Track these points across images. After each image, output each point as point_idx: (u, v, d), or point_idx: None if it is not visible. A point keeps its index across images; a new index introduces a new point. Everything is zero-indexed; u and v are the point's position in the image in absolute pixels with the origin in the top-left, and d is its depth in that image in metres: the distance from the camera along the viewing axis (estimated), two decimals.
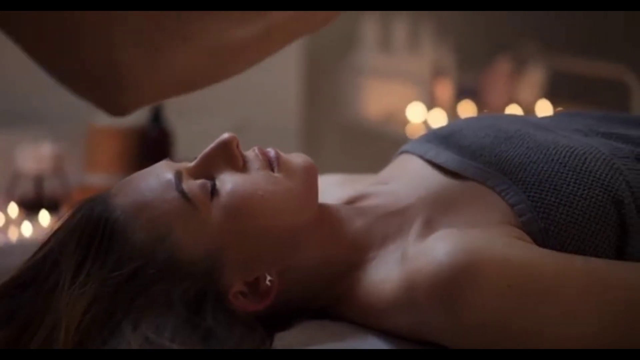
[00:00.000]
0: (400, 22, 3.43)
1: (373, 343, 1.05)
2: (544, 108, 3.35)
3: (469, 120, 1.28)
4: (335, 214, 1.14)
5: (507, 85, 3.46)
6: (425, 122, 3.24)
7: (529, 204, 1.06)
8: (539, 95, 3.48)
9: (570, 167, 1.08)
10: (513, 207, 1.07)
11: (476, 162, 1.14)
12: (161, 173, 1.08)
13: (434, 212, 1.12)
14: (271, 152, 1.11)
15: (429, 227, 1.10)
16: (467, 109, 3.42)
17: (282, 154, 1.11)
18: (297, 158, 1.13)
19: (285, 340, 1.06)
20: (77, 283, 1.01)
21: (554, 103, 3.40)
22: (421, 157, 1.21)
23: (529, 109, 3.30)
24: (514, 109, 3.37)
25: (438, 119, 3.27)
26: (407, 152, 1.25)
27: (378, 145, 3.12)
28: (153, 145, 2.54)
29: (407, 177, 1.20)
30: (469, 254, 0.98)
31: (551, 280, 0.98)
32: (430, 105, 3.29)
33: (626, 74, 3.33)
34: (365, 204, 1.17)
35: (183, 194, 1.05)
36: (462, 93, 3.44)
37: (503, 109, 3.37)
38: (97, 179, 2.54)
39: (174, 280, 1.03)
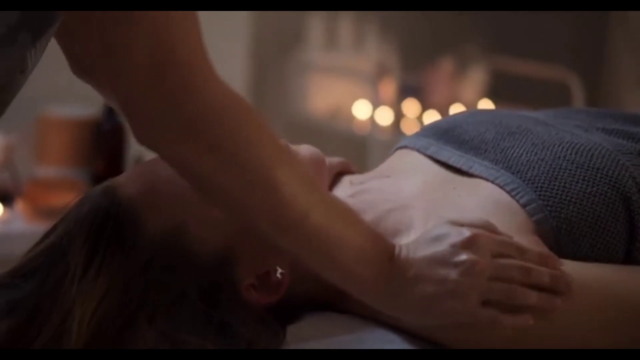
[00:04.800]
0: (346, 20, 3.44)
1: (382, 335, 1.05)
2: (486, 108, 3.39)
3: (466, 114, 1.26)
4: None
5: (449, 85, 3.50)
6: (371, 119, 3.26)
7: (540, 203, 1.05)
8: (481, 95, 3.52)
9: (577, 164, 1.08)
10: (525, 207, 1.06)
11: (481, 159, 1.12)
12: None
13: (439, 209, 1.08)
14: None
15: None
16: (411, 108, 3.44)
17: (290, 145, 1.10)
18: (305, 150, 1.11)
19: (296, 333, 1.05)
20: (88, 276, 0.99)
21: (496, 103, 3.44)
22: (421, 152, 1.19)
23: (471, 109, 3.33)
24: (457, 108, 3.40)
25: (384, 116, 3.29)
26: (405, 147, 1.23)
27: (325, 141, 3.12)
28: (106, 138, 2.50)
29: (410, 172, 1.17)
30: None
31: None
32: (376, 102, 3.30)
33: (567, 76, 3.39)
34: (371, 197, 1.14)
35: None
36: (406, 92, 3.46)
37: (446, 108, 3.40)
38: (48, 171, 2.50)
39: (187, 273, 1.01)
